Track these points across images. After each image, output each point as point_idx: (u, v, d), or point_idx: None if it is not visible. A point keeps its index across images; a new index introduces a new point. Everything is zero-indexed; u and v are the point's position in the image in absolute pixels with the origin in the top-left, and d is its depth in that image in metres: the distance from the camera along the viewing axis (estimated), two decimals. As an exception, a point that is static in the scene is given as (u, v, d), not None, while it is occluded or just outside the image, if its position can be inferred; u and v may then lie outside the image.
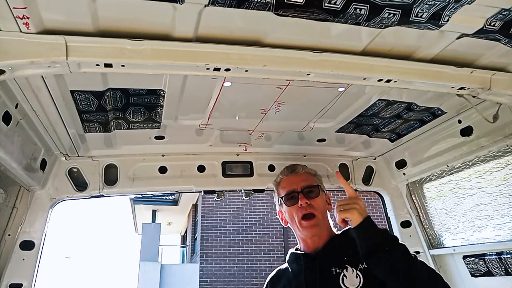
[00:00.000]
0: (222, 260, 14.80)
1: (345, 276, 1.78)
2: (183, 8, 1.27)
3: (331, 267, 1.82)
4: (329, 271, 1.82)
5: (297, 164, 2.12)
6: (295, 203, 1.93)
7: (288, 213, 1.98)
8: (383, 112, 2.25)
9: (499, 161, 2.19)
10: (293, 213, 1.94)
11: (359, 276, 1.76)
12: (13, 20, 1.23)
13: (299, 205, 1.92)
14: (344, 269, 1.80)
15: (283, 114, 2.18)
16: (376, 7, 1.30)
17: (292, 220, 1.96)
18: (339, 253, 1.85)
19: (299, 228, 1.93)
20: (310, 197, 1.94)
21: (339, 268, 1.80)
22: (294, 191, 1.96)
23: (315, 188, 1.98)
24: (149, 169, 2.56)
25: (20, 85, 1.62)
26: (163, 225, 20.49)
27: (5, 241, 2.16)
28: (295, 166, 2.10)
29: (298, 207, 1.92)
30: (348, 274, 1.78)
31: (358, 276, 1.76)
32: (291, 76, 1.61)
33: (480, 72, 1.73)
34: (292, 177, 2.04)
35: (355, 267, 1.79)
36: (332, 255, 1.86)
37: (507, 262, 2.21)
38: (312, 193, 1.96)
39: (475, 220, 2.46)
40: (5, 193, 2.12)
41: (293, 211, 1.94)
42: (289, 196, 1.98)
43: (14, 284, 2.12)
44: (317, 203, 1.95)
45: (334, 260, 1.84)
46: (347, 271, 1.79)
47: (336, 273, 1.80)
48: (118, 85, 1.79)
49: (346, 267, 1.80)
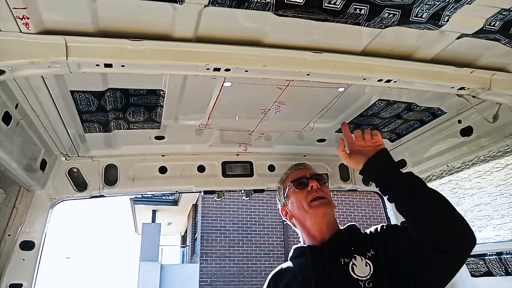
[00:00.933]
0: (222, 260, 14.81)
1: (354, 265, 1.72)
2: (183, 8, 1.27)
3: (339, 257, 1.76)
4: (337, 261, 1.75)
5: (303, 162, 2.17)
6: (305, 187, 1.94)
7: (296, 200, 1.96)
8: (383, 112, 2.26)
9: (499, 161, 2.19)
10: (302, 199, 1.93)
11: (368, 264, 1.70)
12: (13, 20, 1.23)
13: (309, 189, 1.92)
14: (353, 258, 1.74)
15: (283, 114, 2.18)
16: (376, 7, 1.30)
17: (300, 207, 1.93)
18: (346, 244, 1.82)
19: (309, 211, 1.90)
20: (320, 183, 1.96)
21: (347, 258, 1.75)
22: (304, 177, 1.98)
23: (324, 176, 2.01)
24: (149, 169, 2.56)
25: (20, 85, 1.62)
26: (163, 225, 20.49)
27: (5, 241, 2.16)
28: (303, 163, 2.15)
29: (308, 190, 1.92)
30: (357, 263, 1.72)
31: (368, 264, 1.70)
32: (291, 76, 1.61)
33: (480, 72, 1.72)
34: (300, 170, 2.07)
35: (363, 256, 1.73)
36: (339, 246, 1.82)
37: (507, 262, 2.21)
38: (321, 180, 1.98)
39: (475, 220, 2.46)
40: (5, 193, 2.12)
41: (302, 197, 1.93)
42: (299, 181, 1.98)
43: (14, 284, 2.12)
44: (326, 190, 1.97)
45: (341, 250, 1.79)
46: (355, 259, 1.73)
47: (345, 263, 1.73)
48: (118, 85, 1.79)
49: (355, 256, 1.74)
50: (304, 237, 2.00)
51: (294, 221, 2.02)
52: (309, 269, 1.82)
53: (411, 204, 1.61)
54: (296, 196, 1.97)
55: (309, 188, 1.93)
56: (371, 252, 1.73)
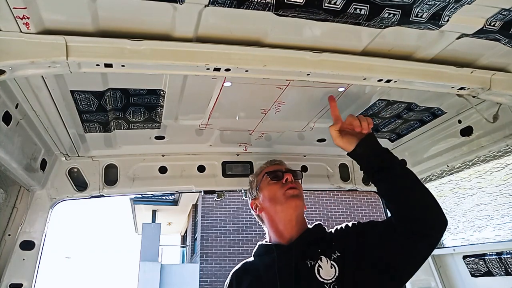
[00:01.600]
0: (222, 260, 14.80)
1: (320, 267, 1.70)
2: (183, 8, 1.27)
3: (306, 259, 1.74)
4: (304, 263, 1.72)
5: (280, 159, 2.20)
6: (280, 179, 1.96)
7: (269, 192, 1.97)
8: (383, 112, 2.26)
9: (499, 161, 2.19)
10: (277, 189, 1.94)
11: (333, 266, 1.69)
12: (13, 20, 1.23)
13: (283, 181, 1.93)
14: (319, 259, 1.72)
15: (283, 114, 2.18)
16: (376, 7, 1.30)
17: (272, 199, 1.94)
18: (314, 245, 1.80)
19: (282, 201, 1.90)
20: (295, 178, 1.98)
21: (313, 260, 1.73)
22: (279, 170, 2.00)
23: (298, 173, 2.03)
24: (149, 169, 2.56)
25: (20, 85, 1.62)
26: (163, 225, 20.50)
27: (5, 241, 2.16)
28: (279, 160, 2.18)
29: (283, 182, 1.93)
30: (323, 265, 1.70)
31: (333, 266, 1.69)
32: (291, 76, 1.61)
33: (480, 72, 1.72)
34: (276, 165, 2.10)
35: (328, 257, 1.73)
36: (307, 247, 1.80)
37: (507, 262, 2.21)
38: (296, 175, 2.00)
39: (475, 220, 2.46)
40: (5, 193, 2.12)
41: (277, 187, 1.94)
42: (274, 174, 1.99)
43: (14, 284, 2.12)
44: (299, 186, 1.98)
45: (309, 252, 1.77)
46: (321, 261, 1.71)
47: (311, 265, 1.72)
48: (118, 85, 1.79)
49: (321, 258, 1.73)
50: (271, 233, 1.98)
51: (263, 215, 2.00)
52: (275, 269, 1.78)
53: (401, 186, 1.67)
54: (270, 187, 1.97)
55: (283, 181, 1.95)
56: (337, 253, 1.74)
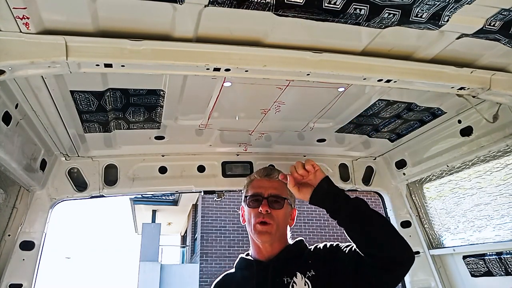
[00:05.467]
0: (222, 260, 14.79)
1: (294, 283, 1.79)
2: (183, 8, 1.27)
3: (283, 275, 1.83)
4: (281, 279, 1.82)
5: (274, 169, 2.12)
6: (257, 206, 1.92)
7: (247, 213, 1.98)
8: (383, 112, 2.26)
9: (499, 161, 2.19)
10: (252, 216, 1.94)
11: (307, 283, 1.78)
12: (13, 20, 1.23)
13: (259, 210, 1.91)
14: (294, 276, 1.81)
15: (283, 114, 2.18)
16: (376, 7, 1.30)
17: (249, 222, 1.96)
18: (291, 262, 1.87)
19: (253, 230, 1.92)
20: (273, 207, 1.92)
21: (290, 278, 1.81)
22: (260, 195, 1.94)
23: (281, 199, 1.95)
24: (149, 169, 2.56)
25: (20, 85, 1.62)
26: (163, 225, 20.49)
27: (5, 241, 2.16)
28: (272, 170, 2.08)
29: (258, 212, 1.91)
30: (297, 281, 1.79)
31: (307, 284, 1.78)
32: (291, 76, 1.61)
33: (480, 72, 1.73)
34: (264, 180, 2.01)
35: (303, 274, 1.80)
36: (285, 264, 1.87)
37: (507, 262, 2.21)
38: (276, 204, 1.93)
39: (475, 220, 2.46)
40: (5, 193, 2.12)
41: (252, 214, 1.94)
42: (253, 198, 1.96)
43: (14, 284, 2.12)
44: (278, 214, 1.93)
45: (286, 269, 1.85)
46: (296, 278, 1.80)
47: (287, 282, 1.80)
48: (118, 85, 1.79)
49: (296, 274, 1.81)
50: (252, 247, 2.02)
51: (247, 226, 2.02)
52: (253, 285, 1.87)
53: (356, 227, 1.72)
54: (248, 209, 1.98)
55: (259, 210, 1.91)
56: (312, 272, 1.80)
